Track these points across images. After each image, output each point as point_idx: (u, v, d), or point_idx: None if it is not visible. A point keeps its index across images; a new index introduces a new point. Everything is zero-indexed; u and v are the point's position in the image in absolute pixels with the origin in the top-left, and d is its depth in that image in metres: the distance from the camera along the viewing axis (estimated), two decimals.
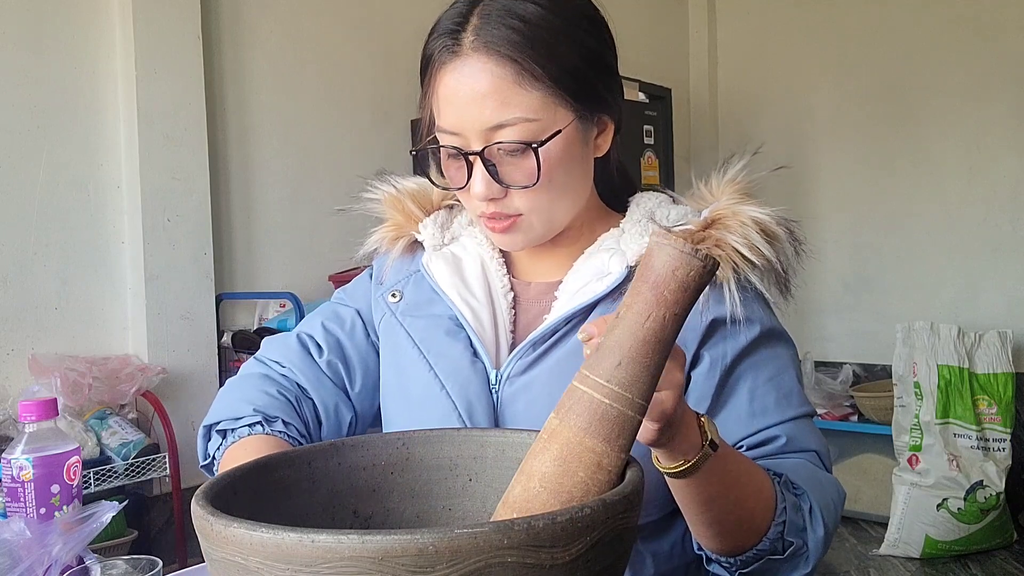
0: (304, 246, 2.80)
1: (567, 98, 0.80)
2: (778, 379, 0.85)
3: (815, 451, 0.83)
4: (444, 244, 0.96)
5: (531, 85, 0.78)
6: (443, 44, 0.81)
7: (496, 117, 0.78)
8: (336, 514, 0.65)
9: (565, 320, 0.85)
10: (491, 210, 0.84)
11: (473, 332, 0.89)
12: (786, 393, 0.84)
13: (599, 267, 0.86)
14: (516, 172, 0.81)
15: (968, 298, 3.59)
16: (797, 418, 0.84)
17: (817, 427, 0.87)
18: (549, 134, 0.80)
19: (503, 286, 0.92)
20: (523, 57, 0.78)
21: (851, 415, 3.55)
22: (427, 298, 0.93)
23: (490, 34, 0.79)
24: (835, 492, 0.81)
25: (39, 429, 0.99)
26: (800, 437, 0.83)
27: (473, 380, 0.87)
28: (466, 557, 0.43)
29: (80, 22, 2.32)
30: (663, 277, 0.54)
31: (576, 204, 0.87)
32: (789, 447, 0.82)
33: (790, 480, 0.76)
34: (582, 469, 0.55)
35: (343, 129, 2.91)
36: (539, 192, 0.82)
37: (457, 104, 0.80)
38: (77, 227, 2.31)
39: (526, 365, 0.85)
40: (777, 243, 0.82)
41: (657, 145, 3.60)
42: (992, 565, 2.95)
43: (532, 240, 0.87)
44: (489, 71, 0.78)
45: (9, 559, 0.86)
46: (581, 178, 0.87)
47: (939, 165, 3.67)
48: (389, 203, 1.00)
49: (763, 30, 4.18)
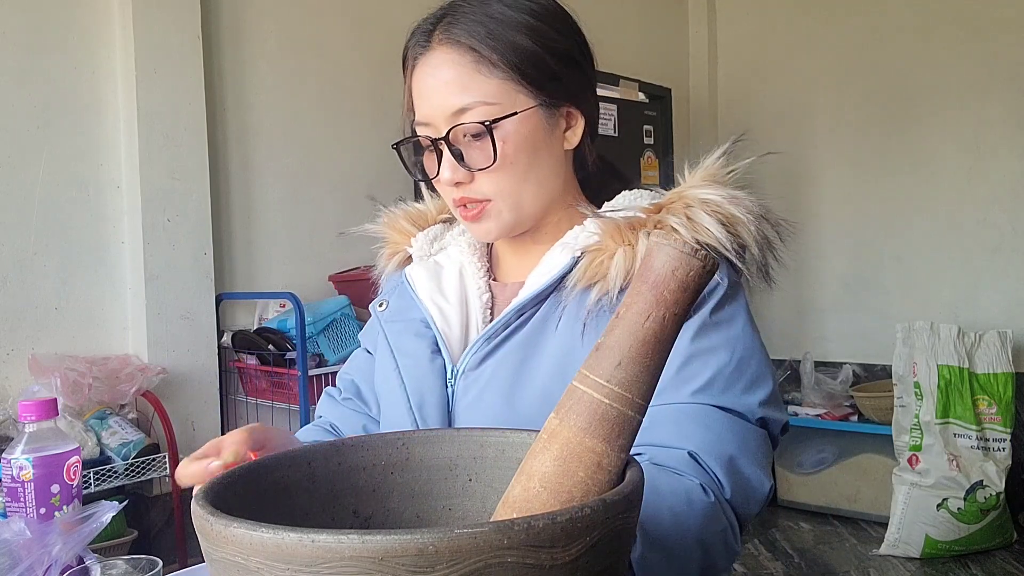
0: (304, 246, 2.80)
1: (527, 85, 0.85)
2: (696, 360, 0.79)
3: (688, 451, 0.76)
4: (431, 254, 1.02)
5: (489, 72, 0.84)
6: (416, 42, 0.89)
7: (458, 102, 0.84)
8: (336, 514, 0.65)
9: (516, 312, 0.88)
10: (459, 195, 0.88)
11: (439, 331, 0.94)
12: (692, 375, 0.79)
13: (553, 261, 0.89)
14: (477, 154, 0.86)
15: (968, 298, 3.59)
16: (691, 404, 0.78)
17: (739, 426, 0.78)
18: (504, 115, 0.84)
19: (479, 288, 0.97)
20: (482, 46, 0.84)
21: (851, 415, 3.55)
22: (406, 304, 0.99)
23: (456, 28, 0.85)
24: (677, 501, 0.72)
25: (39, 429, 0.99)
26: (673, 428, 0.77)
27: (429, 375, 0.91)
28: (466, 557, 0.43)
29: (80, 22, 2.32)
30: (663, 277, 0.54)
31: (544, 192, 0.90)
32: (650, 437, 0.76)
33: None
34: (582, 469, 0.55)
35: (343, 129, 2.91)
36: (502, 174, 0.86)
37: (425, 94, 0.87)
38: (77, 227, 2.31)
39: (480, 358, 0.89)
40: (739, 225, 0.80)
41: (657, 145, 3.60)
42: (992, 565, 2.95)
43: (504, 227, 0.90)
44: (452, 60, 0.85)
45: (9, 559, 0.86)
46: (549, 167, 0.89)
47: (939, 165, 3.67)
48: (386, 224, 1.07)
49: (763, 30, 4.18)
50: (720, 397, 0.79)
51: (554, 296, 0.87)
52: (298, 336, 2.36)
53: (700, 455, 0.76)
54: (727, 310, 0.83)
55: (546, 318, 0.87)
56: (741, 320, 0.83)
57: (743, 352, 0.81)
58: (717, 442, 0.76)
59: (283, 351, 2.42)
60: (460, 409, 0.89)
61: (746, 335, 0.83)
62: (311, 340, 2.42)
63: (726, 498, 0.76)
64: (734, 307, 0.83)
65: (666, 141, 3.72)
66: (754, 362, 0.82)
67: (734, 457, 0.77)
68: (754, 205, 0.81)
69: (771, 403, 0.82)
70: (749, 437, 0.79)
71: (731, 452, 0.77)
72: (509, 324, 0.88)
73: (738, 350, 0.81)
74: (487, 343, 0.89)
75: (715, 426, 0.77)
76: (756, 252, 0.81)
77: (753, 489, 0.78)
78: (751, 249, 0.81)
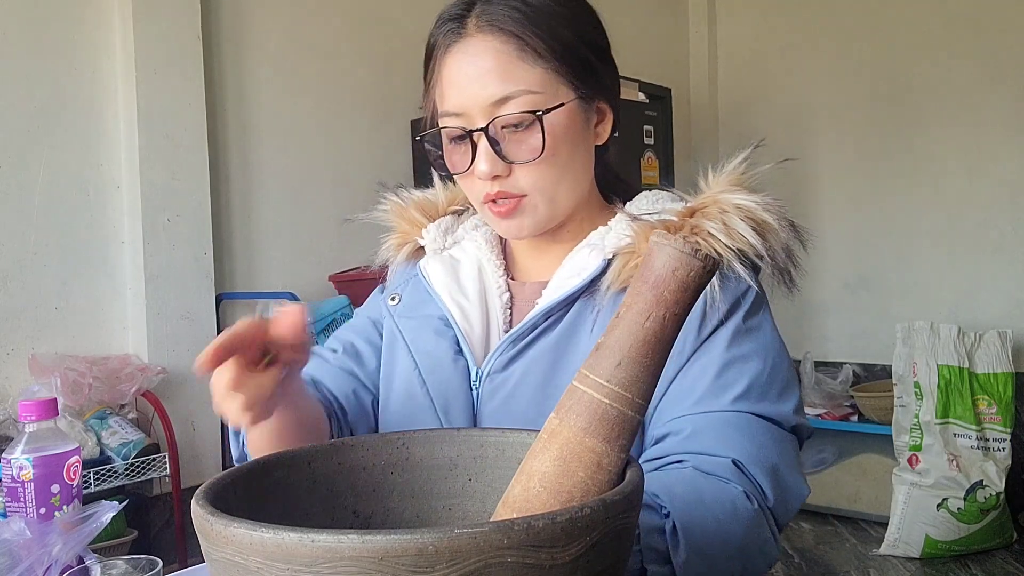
0: (304, 246, 2.80)
1: (568, 77, 0.82)
2: (732, 367, 0.79)
3: (732, 459, 0.75)
4: (444, 248, 0.98)
5: (534, 60, 0.81)
6: (448, 29, 0.84)
7: (500, 91, 0.80)
8: (336, 514, 0.65)
9: (544, 315, 0.85)
10: (495, 190, 0.84)
11: (460, 331, 0.90)
12: (730, 382, 0.78)
13: (580, 263, 0.87)
14: (520, 147, 0.82)
15: (968, 298, 3.59)
16: (732, 412, 0.77)
17: (777, 433, 0.78)
18: (554, 105, 0.81)
19: (498, 287, 0.93)
20: (526, 33, 0.80)
21: (851, 415, 3.55)
22: (421, 299, 0.95)
23: (494, 14, 0.81)
24: (722, 510, 0.72)
25: (39, 429, 0.99)
26: (716, 435, 0.76)
27: (453, 377, 0.88)
28: (466, 557, 0.43)
29: (80, 22, 2.32)
30: (663, 277, 0.54)
31: (578, 188, 0.88)
32: (693, 444, 0.76)
33: (656, 500, 0.69)
34: (582, 469, 0.55)
35: (343, 129, 2.91)
36: (543, 168, 0.83)
37: (462, 83, 0.82)
38: (77, 227, 2.31)
39: (506, 361, 0.86)
40: (769, 232, 0.80)
41: (657, 145, 3.60)
42: (992, 565, 2.94)
43: (537, 224, 0.87)
44: (494, 48, 0.81)
45: (9, 559, 0.86)
46: (583, 161, 0.87)
47: (939, 165, 3.67)
48: (395, 212, 1.02)
49: (763, 30, 4.18)
50: (757, 405, 0.79)
51: (583, 299, 0.85)
52: None
53: (744, 464, 0.75)
54: (757, 317, 0.83)
55: (577, 321, 0.85)
56: (769, 326, 0.84)
57: (775, 359, 0.82)
58: (760, 450, 0.76)
59: None
60: (487, 412, 0.86)
61: (776, 342, 0.84)
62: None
63: (769, 506, 0.76)
64: (764, 313, 0.84)
65: (666, 141, 3.71)
66: (783, 369, 0.82)
67: (776, 466, 0.77)
68: (785, 212, 0.81)
69: (800, 411, 0.82)
70: (787, 445, 0.80)
71: (774, 461, 0.77)
72: (536, 326, 0.85)
73: (770, 357, 0.81)
74: (513, 345, 0.86)
75: (757, 435, 0.77)
76: (782, 258, 0.81)
77: (794, 496, 0.78)
78: (778, 255, 0.81)
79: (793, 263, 0.82)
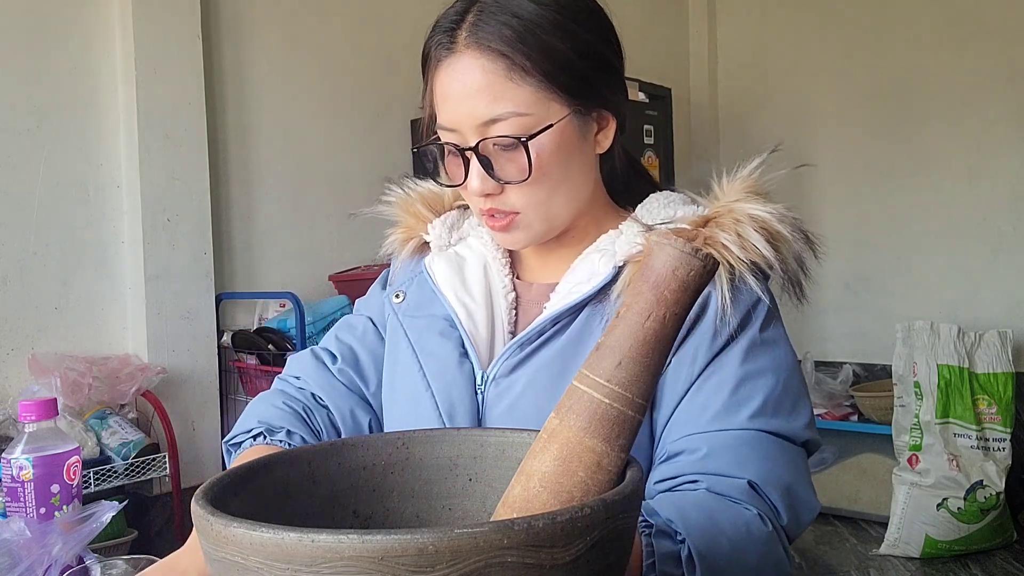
0: (304, 246, 2.80)
1: (560, 93, 0.80)
2: (747, 383, 0.78)
3: (748, 480, 0.74)
4: (450, 245, 0.97)
5: (522, 80, 0.79)
6: (439, 41, 0.82)
7: (488, 112, 0.79)
8: (336, 514, 0.65)
9: (552, 321, 0.84)
10: (488, 206, 0.84)
11: (466, 332, 0.89)
12: (745, 399, 0.78)
13: (591, 268, 0.86)
14: (510, 167, 0.81)
15: (968, 298, 3.59)
16: (747, 431, 0.77)
17: (790, 450, 0.78)
18: (540, 128, 0.80)
19: (504, 287, 0.92)
20: (513, 52, 0.78)
21: (851, 415, 3.55)
22: (427, 298, 0.93)
23: (483, 31, 0.79)
24: (737, 534, 0.71)
25: (39, 429, 0.99)
26: (732, 456, 0.75)
27: (459, 380, 0.87)
28: (466, 557, 0.43)
29: (80, 22, 2.32)
30: (663, 277, 0.54)
31: (575, 201, 0.86)
32: (708, 465, 0.75)
33: (671, 526, 0.69)
34: (582, 469, 0.55)
35: (343, 129, 2.91)
36: (534, 187, 0.82)
37: (452, 101, 0.81)
38: (77, 227, 2.31)
39: (512, 366, 0.85)
40: (782, 243, 0.80)
41: (657, 145, 3.60)
42: (992, 565, 2.95)
43: (533, 238, 0.87)
44: (481, 67, 0.79)
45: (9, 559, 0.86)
46: (580, 174, 0.86)
47: (939, 165, 3.67)
48: (400, 206, 1.01)
49: (763, 30, 4.18)
50: (770, 422, 0.78)
51: (592, 306, 0.84)
52: (298, 336, 2.36)
53: (759, 485, 0.75)
54: (771, 330, 0.82)
55: (585, 328, 0.83)
56: (783, 339, 0.83)
57: (787, 374, 0.81)
58: (774, 470, 0.76)
59: (283, 351, 2.42)
60: (493, 417, 0.85)
61: (789, 355, 0.83)
62: (311, 340, 2.42)
63: (782, 525, 0.76)
64: (777, 326, 0.83)
65: (666, 141, 3.71)
66: (795, 383, 0.82)
67: (790, 484, 0.76)
68: (800, 223, 0.80)
69: (811, 425, 0.82)
70: (799, 461, 0.79)
71: (788, 480, 0.76)
72: (544, 332, 0.84)
73: (783, 372, 0.81)
74: (520, 350, 0.85)
75: (771, 454, 0.77)
76: (794, 269, 0.80)
77: (806, 512, 0.78)
78: (790, 266, 0.80)
79: (804, 273, 0.81)
